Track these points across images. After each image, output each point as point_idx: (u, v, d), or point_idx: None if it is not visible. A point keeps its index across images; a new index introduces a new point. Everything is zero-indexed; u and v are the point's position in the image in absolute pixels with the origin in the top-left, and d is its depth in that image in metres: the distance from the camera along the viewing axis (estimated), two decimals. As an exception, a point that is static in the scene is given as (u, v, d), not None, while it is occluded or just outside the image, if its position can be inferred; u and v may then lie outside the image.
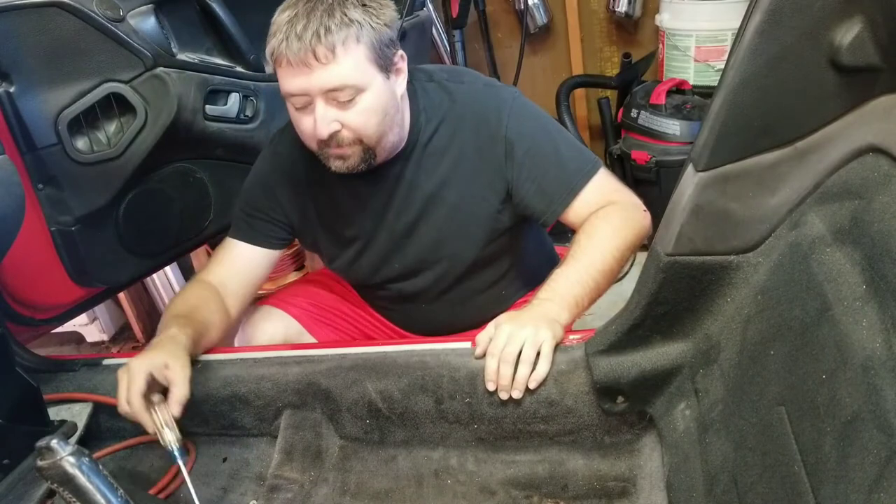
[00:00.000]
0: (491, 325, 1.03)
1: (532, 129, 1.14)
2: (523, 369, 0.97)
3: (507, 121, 1.12)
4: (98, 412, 1.18)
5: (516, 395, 0.99)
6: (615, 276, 1.07)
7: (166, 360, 1.01)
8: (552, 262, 1.17)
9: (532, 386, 0.98)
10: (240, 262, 1.24)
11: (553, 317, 1.01)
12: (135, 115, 1.24)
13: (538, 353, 0.98)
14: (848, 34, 0.69)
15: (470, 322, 1.27)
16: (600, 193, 1.12)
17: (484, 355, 1.01)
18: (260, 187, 1.24)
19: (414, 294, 1.27)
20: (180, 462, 0.97)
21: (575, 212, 1.12)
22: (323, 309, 1.37)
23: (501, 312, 1.07)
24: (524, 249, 1.29)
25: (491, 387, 1.00)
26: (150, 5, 1.25)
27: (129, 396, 0.98)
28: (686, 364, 0.94)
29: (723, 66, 0.78)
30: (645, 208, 1.14)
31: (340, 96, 1.01)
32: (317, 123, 1.02)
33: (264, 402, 1.13)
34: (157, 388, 1.01)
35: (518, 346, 0.97)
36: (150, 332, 2.50)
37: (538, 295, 1.05)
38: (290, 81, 1.00)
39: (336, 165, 1.09)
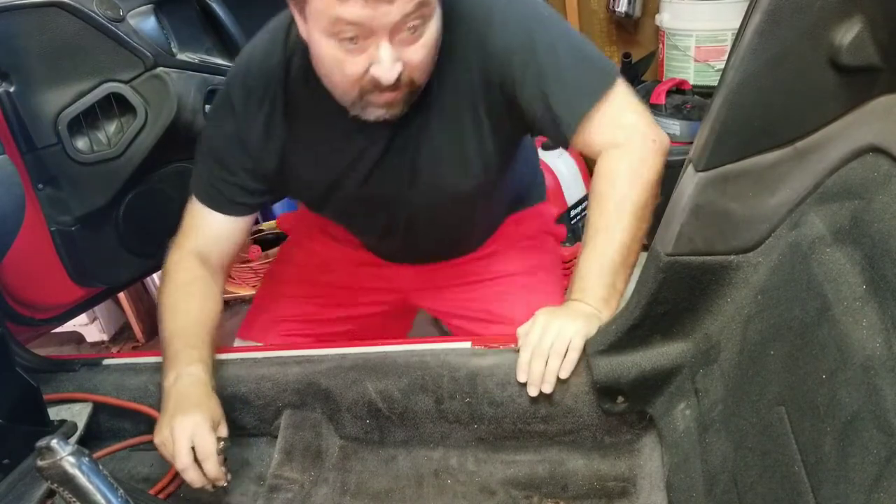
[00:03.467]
0: (530, 321, 1.03)
1: (532, 40, 1.01)
2: (553, 362, 0.98)
3: (500, 33, 1.01)
4: (98, 412, 1.18)
5: (546, 388, 0.98)
6: (644, 231, 1.03)
7: (196, 430, 0.96)
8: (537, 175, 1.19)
9: (563, 375, 0.98)
10: (221, 233, 1.16)
11: (590, 312, 1.00)
12: (135, 115, 1.24)
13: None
14: (848, 34, 0.69)
15: (456, 249, 1.29)
16: (610, 116, 1.03)
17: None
18: (234, 144, 1.11)
19: (402, 227, 1.23)
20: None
21: (584, 139, 1.03)
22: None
23: (485, 236, 1.10)
24: (515, 166, 1.25)
25: (522, 378, 1.00)
26: (150, 5, 1.25)
27: (185, 465, 0.95)
28: (686, 364, 0.94)
29: (723, 66, 0.78)
30: (655, 135, 1.04)
31: (416, 21, 0.90)
32: (384, 68, 0.90)
33: (264, 402, 1.13)
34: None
35: (551, 339, 0.98)
36: (150, 332, 2.50)
37: (571, 295, 1.03)
38: (358, 11, 0.86)
39: (376, 115, 0.99)
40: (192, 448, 0.95)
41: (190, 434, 0.95)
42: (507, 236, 1.35)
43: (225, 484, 1.00)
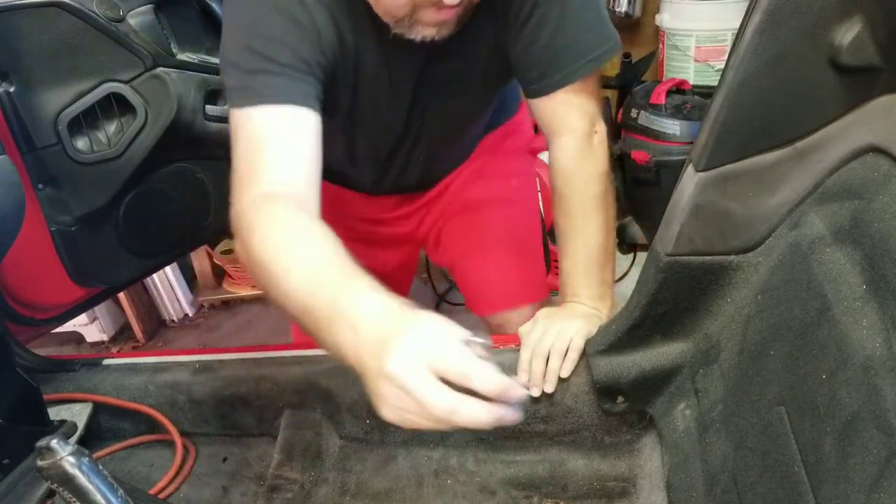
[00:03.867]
0: (531, 321, 1.04)
1: None
2: (554, 361, 0.99)
3: None
4: (98, 412, 1.18)
5: (548, 388, 1.00)
6: (613, 218, 1.04)
7: (431, 350, 0.58)
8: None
9: (563, 374, 0.99)
10: (307, 142, 0.84)
11: (589, 312, 1.02)
12: (135, 115, 1.24)
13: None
14: (848, 34, 0.69)
15: (452, 161, 1.25)
16: (585, 95, 1.00)
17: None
18: (304, 25, 0.86)
19: (411, 144, 1.13)
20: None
21: (555, 102, 0.99)
22: None
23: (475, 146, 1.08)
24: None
25: (523, 378, 1.01)
26: (149, 5, 1.25)
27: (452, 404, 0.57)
28: (686, 364, 0.94)
29: (723, 66, 0.78)
30: (601, 125, 1.04)
31: None
32: None
33: (264, 402, 1.13)
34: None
35: (549, 340, 0.99)
36: (150, 333, 2.50)
37: (565, 298, 1.06)
38: None
39: (423, 34, 0.86)
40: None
41: (426, 361, 0.57)
42: (495, 153, 1.30)
43: (536, 394, 0.87)
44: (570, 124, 1.02)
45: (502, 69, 1.04)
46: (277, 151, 0.82)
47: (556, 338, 0.99)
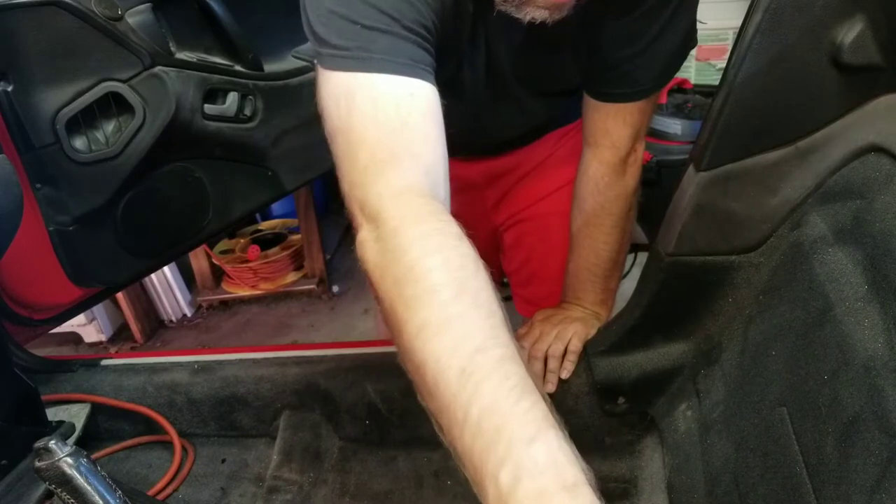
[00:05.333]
0: (528, 324, 1.06)
1: None
2: (551, 363, 1.00)
3: None
4: (96, 413, 1.17)
5: (549, 388, 1.01)
6: (629, 231, 1.03)
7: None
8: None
9: (563, 376, 1.00)
10: (433, 117, 0.70)
11: (588, 314, 1.03)
12: (133, 114, 1.24)
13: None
14: (849, 33, 0.69)
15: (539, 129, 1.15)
16: (640, 114, 0.94)
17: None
18: None
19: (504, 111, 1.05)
20: None
21: (612, 113, 0.94)
22: None
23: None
24: None
25: None
26: (148, 4, 1.25)
27: None
28: (687, 364, 0.94)
29: (724, 65, 0.78)
30: (642, 146, 1.01)
31: None
32: None
33: (263, 402, 1.12)
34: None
35: (546, 343, 1.00)
36: (148, 333, 2.50)
37: (565, 299, 1.06)
38: None
39: (533, 16, 0.75)
40: None
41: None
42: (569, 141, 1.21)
43: None
44: (614, 139, 0.98)
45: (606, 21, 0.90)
46: (420, 137, 0.69)
47: (554, 340, 1.00)
